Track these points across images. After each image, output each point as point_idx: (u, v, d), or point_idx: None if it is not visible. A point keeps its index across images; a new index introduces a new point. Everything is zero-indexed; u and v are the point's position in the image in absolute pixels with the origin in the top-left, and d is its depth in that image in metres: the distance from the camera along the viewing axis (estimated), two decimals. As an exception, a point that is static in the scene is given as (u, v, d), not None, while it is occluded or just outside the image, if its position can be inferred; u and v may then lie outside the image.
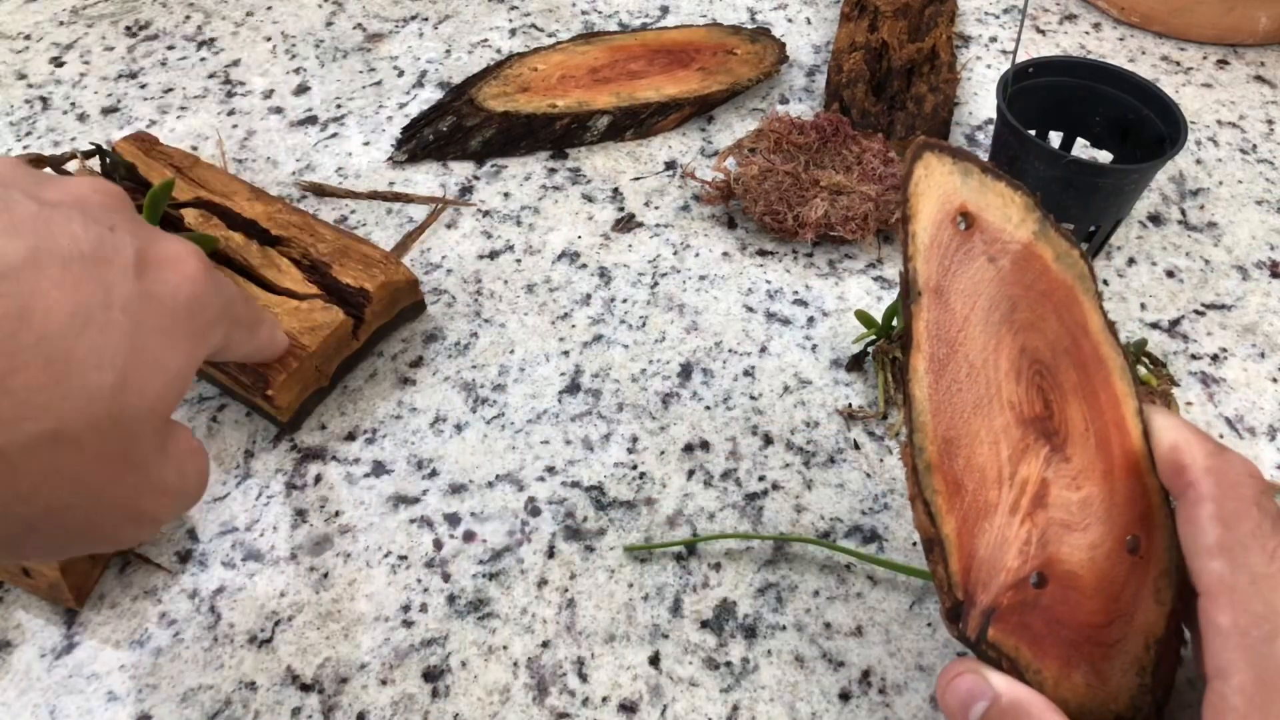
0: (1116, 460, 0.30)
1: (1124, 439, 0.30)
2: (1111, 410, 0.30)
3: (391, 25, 0.71)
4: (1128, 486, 0.30)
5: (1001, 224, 0.29)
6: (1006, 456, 0.30)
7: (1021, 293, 0.30)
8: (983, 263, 0.30)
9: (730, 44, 0.65)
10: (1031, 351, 0.30)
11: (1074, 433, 0.30)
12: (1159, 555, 0.29)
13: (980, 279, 0.30)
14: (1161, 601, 0.29)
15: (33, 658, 0.40)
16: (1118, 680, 0.29)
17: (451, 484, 0.45)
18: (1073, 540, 0.30)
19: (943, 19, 0.66)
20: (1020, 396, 0.30)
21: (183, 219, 0.50)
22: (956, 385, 0.30)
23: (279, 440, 0.47)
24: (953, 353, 0.30)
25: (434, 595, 0.42)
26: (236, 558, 0.43)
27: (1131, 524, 0.30)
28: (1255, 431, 0.47)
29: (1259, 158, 0.60)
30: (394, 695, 0.39)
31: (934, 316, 0.30)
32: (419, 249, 0.56)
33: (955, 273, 0.30)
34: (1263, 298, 0.53)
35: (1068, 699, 0.29)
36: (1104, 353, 0.30)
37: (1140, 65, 0.66)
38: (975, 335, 0.30)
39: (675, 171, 0.60)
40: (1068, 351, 0.30)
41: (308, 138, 0.62)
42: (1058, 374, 0.30)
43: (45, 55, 0.69)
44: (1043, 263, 0.30)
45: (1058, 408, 0.30)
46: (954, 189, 0.29)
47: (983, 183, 0.29)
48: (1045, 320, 0.30)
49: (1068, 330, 0.30)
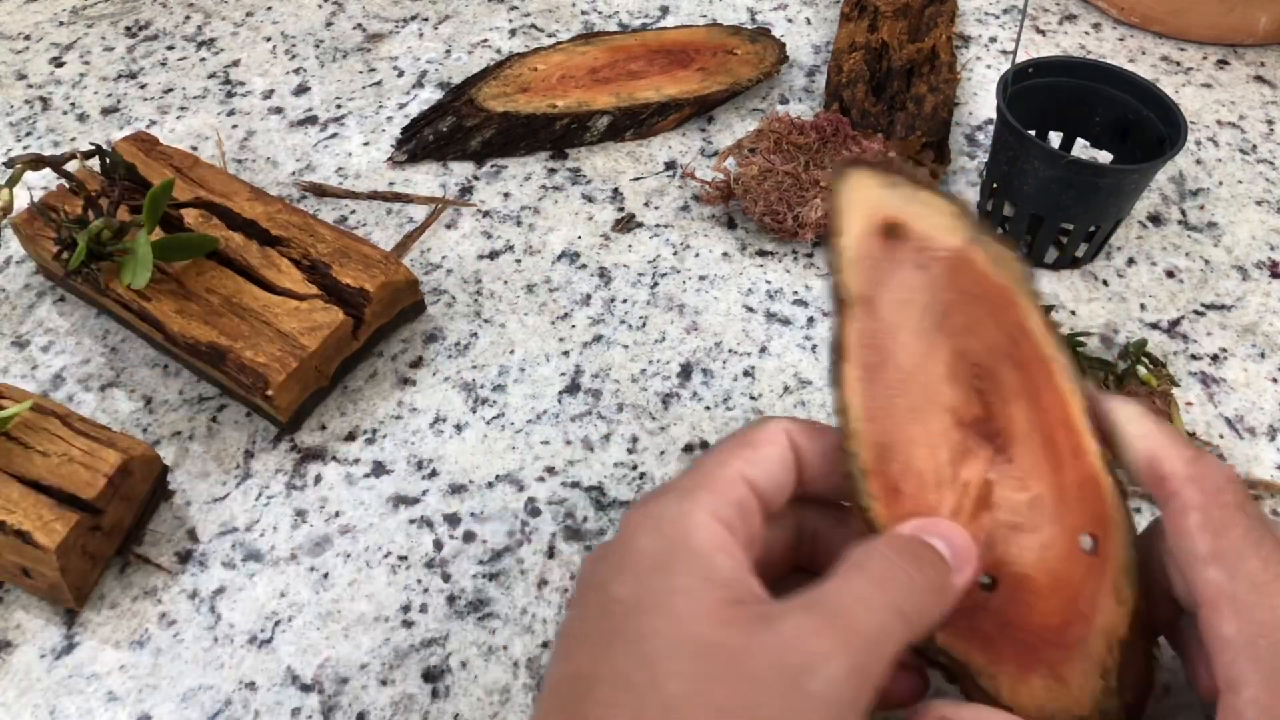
0: (1065, 459, 0.29)
1: (1073, 437, 0.29)
2: (1057, 409, 0.29)
3: (391, 25, 0.71)
4: (1079, 485, 0.29)
5: (930, 232, 0.29)
6: (946, 460, 0.29)
7: (955, 298, 0.29)
8: (912, 271, 0.29)
9: (730, 44, 0.65)
10: (968, 355, 0.30)
11: (1017, 434, 0.29)
12: (1117, 554, 0.29)
13: (911, 287, 0.29)
14: (1122, 601, 0.28)
15: (33, 658, 0.40)
16: (1080, 683, 0.28)
17: (451, 484, 0.45)
18: (1022, 542, 0.29)
19: (943, 19, 0.66)
20: (959, 400, 0.30)
21: (183, 219, 0.50)
22: (890, 392, 0.29)
23: (279, 440, 0.47)
24: (885, 360, 0.30)
25: (434, 595, 0.42)
26: (236, 558, 0.43)
27: (1085, 523, 0.29)
28: (1255, 432, 0.47)
29: (1259, 158, 0.60)
30: (394, 695, 0.39)
31: (865, 326, 0.30)
32: (419, 249, 0.56)
33: (885, 282, 0.30)
34: (1263, 298, 0.53)
35: (1026, 704, 0.28)
36: (1046, 352, 0.29)
37: (1140, 65, 0.66)
38: (908, 342, 0.30)
39: (675, 172, 0.60)
40: (1007, 353, 0.29)
41: (308, 138, 0.62)
42: (997, 376, 0.29)
43: (45, 55, 0.69)
44: (977, 268, 0.29)
45: (999, 410, 0.29)
46: (880, 201, 0.29)
47: (910, 194, 0.29)
48: (981, 324, 0.29)
49: (1006, 332, 0.29)
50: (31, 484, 0.40)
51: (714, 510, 0.27)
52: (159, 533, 0.44)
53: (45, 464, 0.41)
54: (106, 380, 0.50)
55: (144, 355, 0.51)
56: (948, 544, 0.28)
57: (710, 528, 0.27)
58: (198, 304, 0.47)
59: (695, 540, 0.27)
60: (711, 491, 0.28)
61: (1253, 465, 0.46)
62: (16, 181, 0.48)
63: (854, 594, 0.26)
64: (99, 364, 0.50)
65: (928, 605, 0.27)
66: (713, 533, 0.27)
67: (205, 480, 0.46)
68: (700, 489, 0.28)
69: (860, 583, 0.26)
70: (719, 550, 0.27)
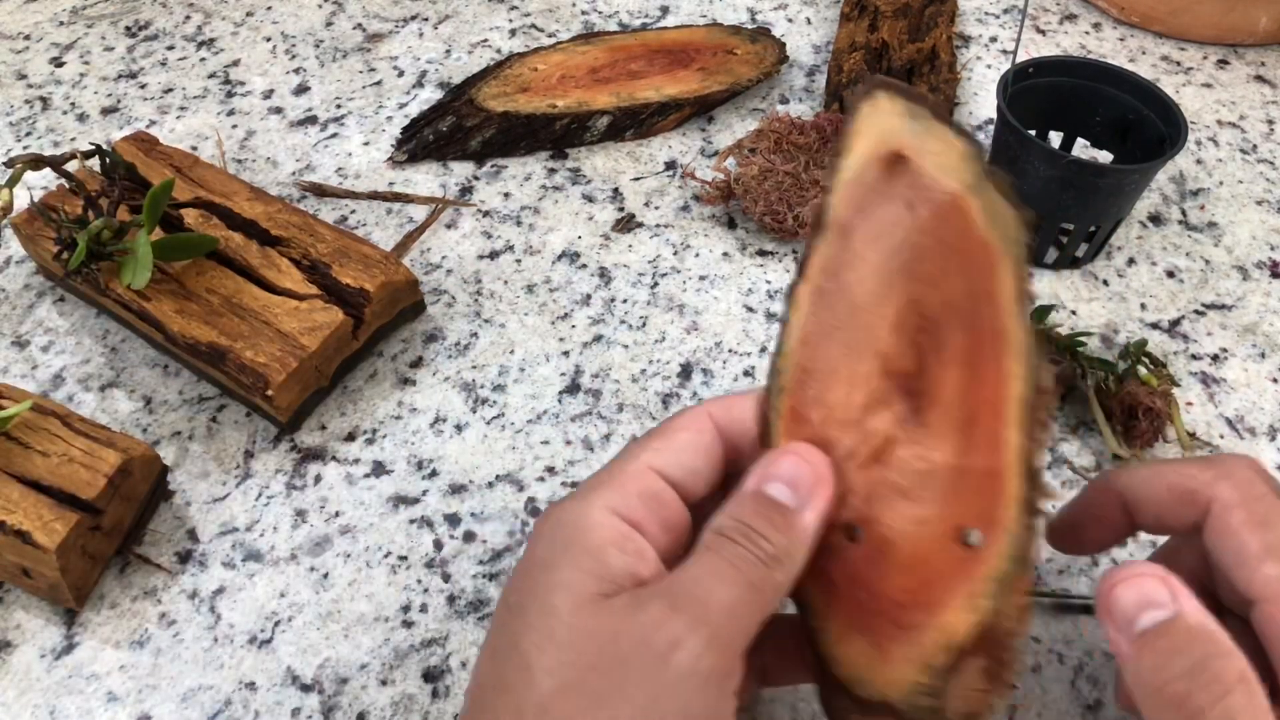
0: (980, 444, 0.27)
1: (996, 424, 0.26)
2: (993, 389, 0.27)
3: (391, 25, 0.71)
4: (983, 476, 0.27)
5: (933, 171, 0.27)
6: (860, 403, 0.28)
7: (931, 244, 0.27)
8: (899, 207, 0.28)
9: (730, 44, 0.65)
10: (922, 306, 0.28)
11: (940, 400, 0.27)
12: (993, 562, 0.26)
13: (891, 223, 0.28)
14: (976, 610, 0.26)
15: (32, 658, 0.40)
16: (899, 668, 0.27)
17: (451, 484, 0.45)
18: (901, 508, 0.28)
19: (943, 19, 0.66)
20: (894, 349, 0.28)
21: (182, 219, 0.50)
22: (834, 323, 0.29)
23: (279, 440, 0.47)
24: (839, 290, 0.29)
25: (434, 595, 0.42)
26: (236, 558, 0.43)
27: (974, 516, 0.27)
28: (1255, 432, 0.47)
29: (1259, 158, 0.60)
30: (394, 695, 0.39)
31: (832, 252, 0.29)
32: (419, 249, 0.56)
33: (867, 213, 0.28)
34: (1263, 298, 0.53)
35: (843, 660, 0.27)
36: (1006, 326, 0.26)
37: (1140, 65, 0.66)
38: (866, 278, 0.28)
39: (675, 171, 0.60)
40: (963, 315, 0.27)
41: (307, 138, 0.62)
42: (943, 335, 0.27)
43: (45, 55, 0.69)
44: (967, 218, 0.27)
45: (932, 370, 0.28)
46: (895, 130, 0.28)
47: (928, 127, 0.27)
48: (948, 278, 0.27)
49: (971, 293, 0.27)
50: (31, 484, 0.40)
51: (612, 505, 0.28)
52: (159, 533, 0.44)
53: (45, 464, 0.41)
54: (106, 380, 0.50)
55: (144, 355, 0.51)
56: (791, 484, 0.28)
57: (605, 524, 0.27)
58: (198, 304, 0.47)
59: (588, 538, 0.27)
60: (612, 487, 0.28)
61: (1253, 465, 0.46)
62: (16, 181, 0.48)
63: (705, 573, 0.27)
64: (99, 364, 0.50)
65: (777, 571, 0.27)
66: (607, 528, 0.27)
67: (205, 480, 0.46)
68: (601, 486, 0.29)
69: (709, 561, 0.27)
70: (611, 544, 0.27)
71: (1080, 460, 0.46)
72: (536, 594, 0.27)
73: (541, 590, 0.27)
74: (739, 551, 0.27)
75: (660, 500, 0.29)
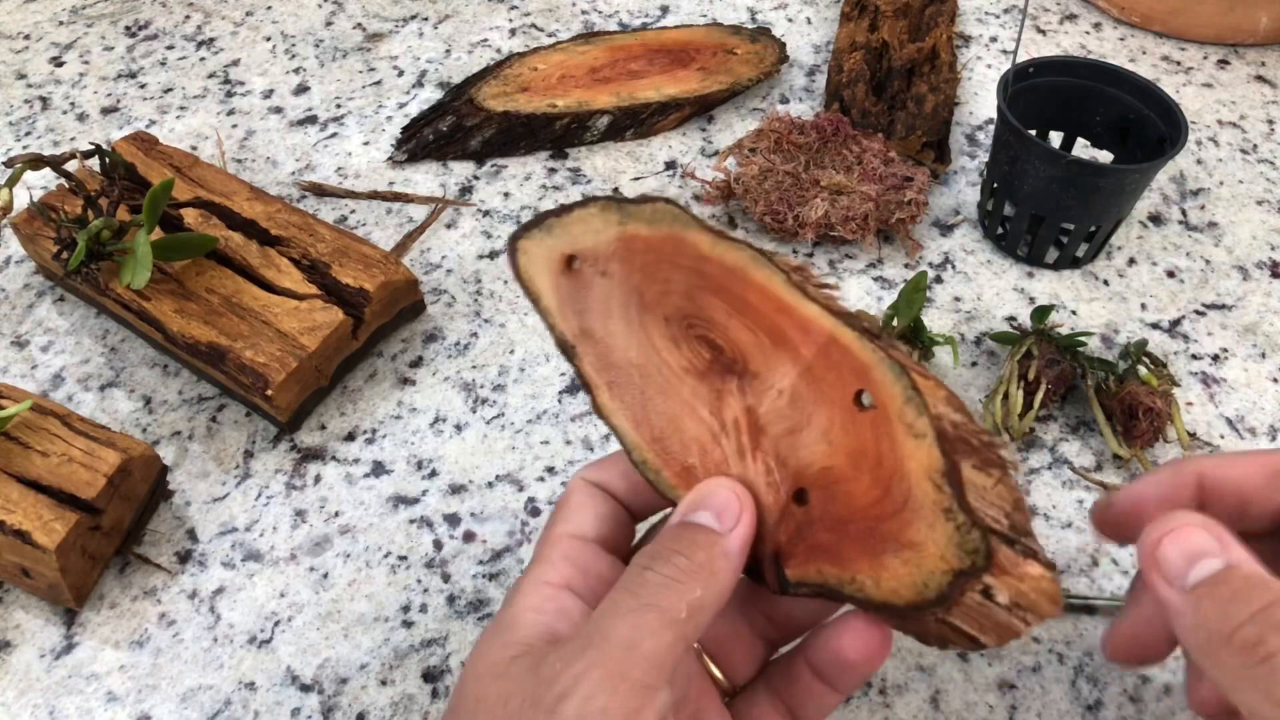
0: (797, 339, 0.28)
1: (792, 315, 0.28)
2: (767, 301, 0.29)
3: (391, 25, 0.71)
4: (821, 354, 0.28)
5: (594, 241, 0.30)
6: (708, 414, 0.30)
7: (639, 278, 0.30)
8: (599, 281, 0.30)
9: (730, 44, 0.65)
10: (673, 314, 0.30)
11: (748, 348, 0.29)
12: (890, 391, 0.27)
13: (603, 296, 0.30)
14: (919, 433, 0.26)
15: (32, 658, 0.40)
16: (930, 537, 0.26)
17: (451, 484, 0.45)
18: (805, 440, 0.28)
19: (943, 19, 0.66)
20: (688, 356, 0.30)
21: (182, 219, 0.50)
22: (639, 392, 0.30)
23: (279, 440, 0.47)
24: (619, 370, 0.31)
25: (434, 595, 0.42)
26: (236, 558, 0.43)
27: (848, 384, 0.27)
28: (1256, 432, 0.47)
29: (1259, 158, 0.60)
30: (394, 696, 0.39)
31: (591, 355, 0.31)
32: (419, 249, 0.56)
33: (586, 308, 0.31)
34: (1263, 298, 0.53)
35: (896, 587, 0.27)
36: (729, 260, 0.29)
37: (1141, 65, 0.66)
38: (627, 343, 0.31)
39: (675, 171, 0.60)
40: (699, 286, 0.29)
41: (307, 137, 0.62)
42: (704, 311, 0.30)
43: (45, 55, 0.69)
44: (640, 239, 0.30)
45: (722, 339, 0.30)
46: (551, 249, 0.31)
47: (563, 223, 0.30)
48: (667, 279, 0.30)
49: (686, 270, 0.29)
50: (31, 484, 0.40)
51: (539, 576, 0.29)
52: (158, 533, 0.44)
53: (45, 464, 0.41)
54: (106, 380, 0.50)
55: (143, 355, 0.51)
56: (712, 510, 0.28)
57: (530, 592, 0.28)
58: (197, 304, 0.47)
59: (511, 610, 0.28)
60: (538, 561, 0.29)
61: (1253, 465, 0.46)
62: (16, 181, 0.48)
63: (604, 609, 0.26)
64: (98, 364, 0.50)
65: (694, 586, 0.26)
66: (531, 595, 0.28)
67: (205, 480, 0.46)
68: (533, 565, 0.29)
69: (610, 597, 0.26)
70: (529, 609, 0.28)
71: (1080, 460, 0.46)
72: (466, 670, 0.27)
73: (469, 665, 0.27)
74: (645, 578, 0.26)
75: (586, 559, 0.29)
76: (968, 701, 0.39)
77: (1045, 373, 0.46)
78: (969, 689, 0.39)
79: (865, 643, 0.28)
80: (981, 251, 0.55)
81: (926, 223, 0.56)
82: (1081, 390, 0.47)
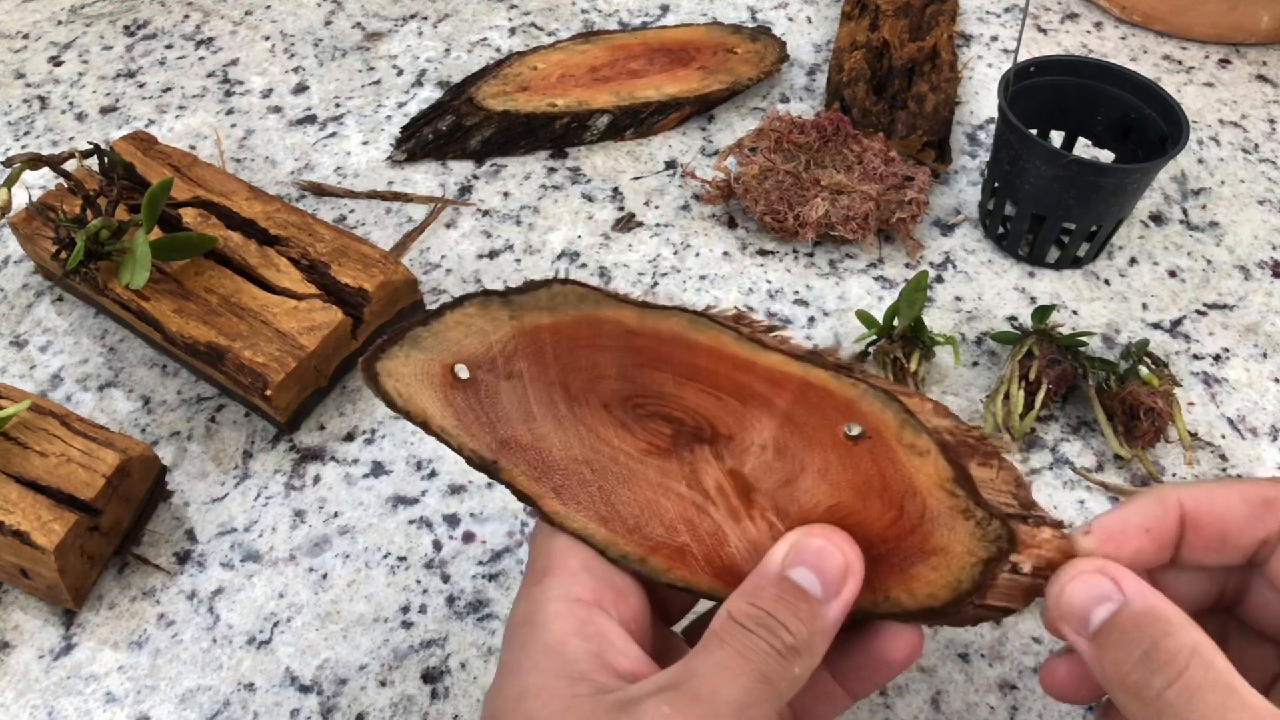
0: (768, 393, 0.27)
1: (757, 372, 0.27)
2: (721, 362, 0.27)
3: (390, 24, 0.71)
4: (799, 402, 0.27)
5: (482, 344, 0.27)
6: (686, 488, 0.28)
7: (557, 370, 0.28)
8: (505, 386, 0.28)
9: (731, 43, 0.65)
10: (612, 398, 0.28)
11: (711, 413, 0.28)
12: (883, 419, 0.26)
13: (516, 399, 0.28)
14: (922, 451, 0.26)
15: (31, 659, 0.40)
16: (953, 538, 0.27)
17: (451, 485, 0.45)
18: (803, 485, 0.28)
19: (944, 18, 0.66)
20: (645, 438, 0.28)
21: (181, 218, 0.50)
22: (596, 489, 0.28)
23: (278, 440, 0.47)
24: (564, 471, 0.28)
25: (433, 596, 0.42)
26: (235, 558, 0.43)
27: (832, 424, 0.27)
28: (1257, 432, 0.47)
29: (1261, 157, 0.60)
30: (393, 697, 0.39)
31: (522, 465, 0.28)
32: (418, 249, 0.56)
33: (497, 417, 0.28)
34: (1265, 298, 0.53)
35: (930, 594, 0.27)
36: (663, 330, 0.27)
37: (1142, 64, 0.66)
38: (565, 440, 0.28)
39: (675, 171, 0.60)
40: (635, 364, 0.27)
41: (306, 137, 0.62)
42: (649, 388, 0.28)
43: (44, 54, 0.69)
44: (542, 329, 0.27)
45: (680, 411, 0.28)
46: (425, 364, 0.28)
47: (433, 334, 0.27)
48: (593, 364, 0.28)
49: (614, 349, 0.27)
50: (30, 484, 0.40)
51: (566, 591, 0.27)
52: (157, 533, 0.44)
53: (43, 464, 0.41)
54: (105, 380, 0.50)
55: (142, 355, 0.51)
56: (818, 571, 0.27)
57: (561, 612, 0.26)
58: (196, 303, 0.47)
59: (546, 634, 0.26)
60: (557, 571, 0.27)
61: (1254, 466, 0.45)
62: (15, 181, 0.48)
63: (713, 666, 0.25)
64: (97, 364, 0.50)
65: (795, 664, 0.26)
66: (564, 616, 0.26)
67: (204, 480, 0.46)
68: (549, 572, 0.27)
69: (720, 655, 0.25)
70: (572, 635, 0.26)
71: (1082, 460, 0.46)
72: (510, 705, 0.25)
73: (513, 699, 0.25)
74: (754, 642, 0.25)
75: (599, 560, 0.28)
76: (969, 702, 0.38)
77: (1046, 373, 0.46)
78: (970, 690, 0.39)
79: (908, 641, 0.28)
80: (982, 251, 0.55)
81: (927, 222, 0.56)
82: (1082, 390, 0.47)
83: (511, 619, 0.28)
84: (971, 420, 0.47)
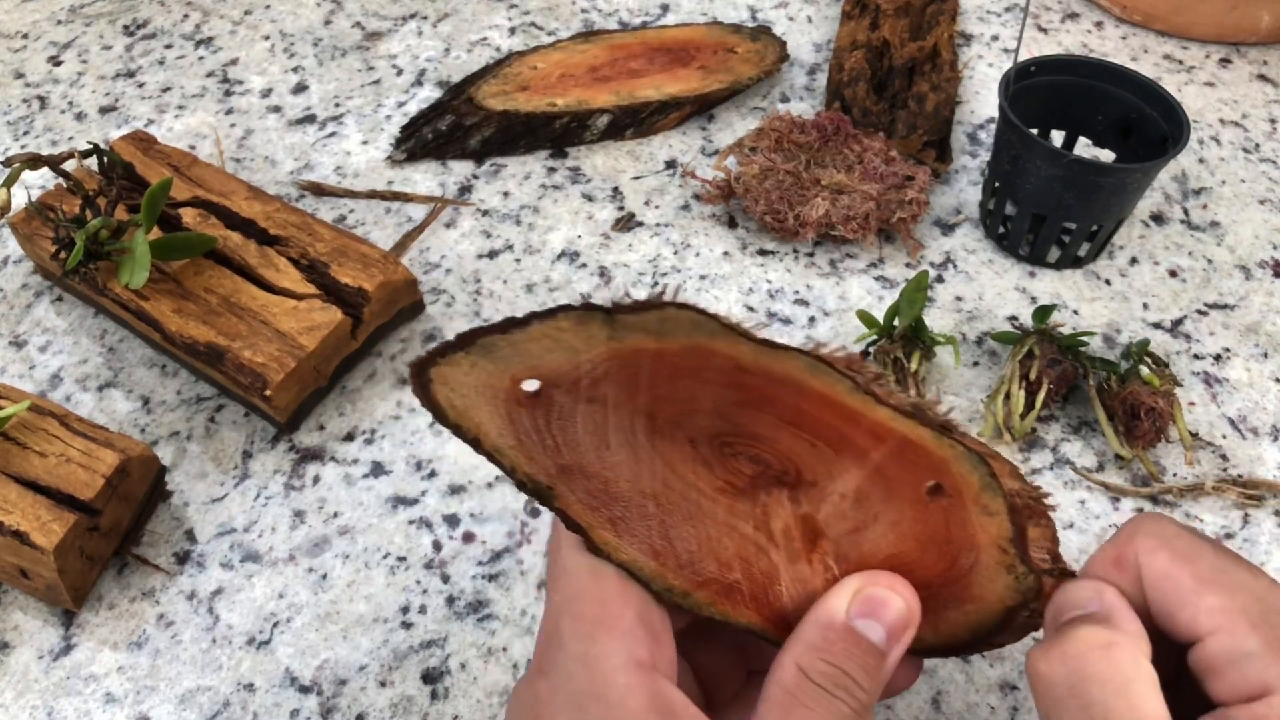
0: (866, 445, 0.26)
1: (862, 424, 0.26)
2: (828, 410, 0.26)
3: (390, 24, 0.71)
4: (894, 457, 0.27)
5: (568, 361, 0.25)
6: (752, 529, 0.28)
7: (648, 399, 0.26)
8: (584, 409, 0.26)
9: (731, 42, 0.65)
10: (701, 434, 0.27)
11: (802, 459, 0.27)
12: (967, 480, 0.26)
13: (593, 425, 0.26)
14: (993, 512, 0.26)
15: (30, 659, 0.40)
16: (990, 589, 0.28)
17: (451, 485, 0.45)
18: (870, 535, 0.28)
19: (944, 17, 0.66)
20: (725, 476, 0.27)
21: (180, 218, 0.50)
22: (657, 523, 0.27)
23: (277, 441, 0.47)
24: (627, 503, 0.27)
25: (433, 596, 0.42)
26: (235, 559, 0.43)
27: (919, 481, 0.27)
28: (1258, 432, 0.47)
29: (1261, 157, 0.60)
30: (393, 697, 0.39)
31: (581, 493, 0.27)
32: (418, 248, 0.55)
33: (565, 442, 0.26)
34: (1266, 297, 0.53)
35: (954, 632, 0.29)
36: (777, 371, 0.25)
37: (1142, 64, 0.66)
38: (637, 473, 0.27)
39: (675, 171, 0.60)
40: (736, 401, 0.26)
41: (306, 137, 0.62)
42: (744, 427, 0.26)
43: (43, 54, 0.69)
44: (644, 354, 0.25)
45: (770, 454, 0.27)
46: (492, 375, 0.25)
47: (511, 343, 0.24)
48: (691, 397, 0.26)
49: (718, 384, 0.25)
50: (29, 484, 0.40)
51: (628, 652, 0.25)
52: (157, 533, 0.44)
53: (43, 464, 0.40)
54: (104, 380, 0.50)
55: (142, 355, 0.50)
56: (882, 620, 0.27)
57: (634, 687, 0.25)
58: (196, 303, 0.47)
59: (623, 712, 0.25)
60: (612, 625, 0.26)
61: (1255, 466, 0.45)
62: (14, 181, 0.48)
63: None
64: (97, 364, 0.50)
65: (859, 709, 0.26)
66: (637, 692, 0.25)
67: (203, 481, 0.46)
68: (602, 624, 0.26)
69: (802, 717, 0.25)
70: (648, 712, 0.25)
71: (1082, 460, 0.45)
72: None
73: None
74: (836, 707, 0.25)
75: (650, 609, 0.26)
76: (969, 703, 0.38)
77: (1047, 372, 0.46)
78: (970, 690, 0.39)
79: (914, 669, 0.30)
80: (983, 251, 0.55)
81: (928, 222, 0.56)
82: (1083, 390, 0.47)
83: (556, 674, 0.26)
84: (971, 420, 0.47)
